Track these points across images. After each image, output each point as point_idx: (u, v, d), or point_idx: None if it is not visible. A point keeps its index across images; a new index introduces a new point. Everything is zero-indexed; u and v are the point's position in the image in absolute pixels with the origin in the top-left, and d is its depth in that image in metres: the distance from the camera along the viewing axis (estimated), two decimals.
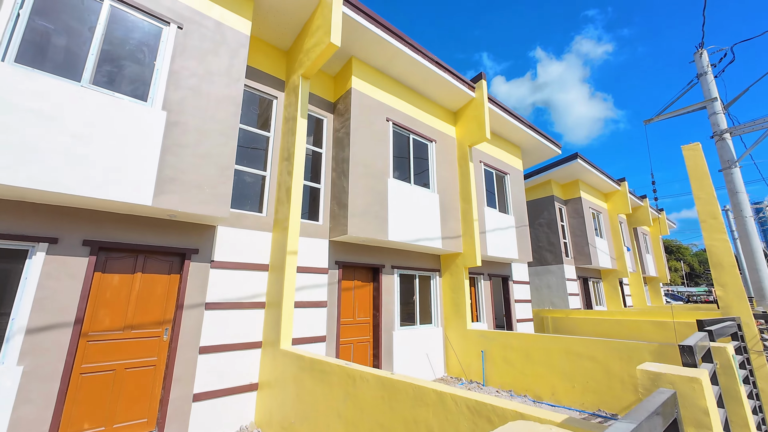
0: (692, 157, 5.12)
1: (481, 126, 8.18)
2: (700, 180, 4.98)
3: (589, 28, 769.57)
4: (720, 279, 4.66)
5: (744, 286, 4.66)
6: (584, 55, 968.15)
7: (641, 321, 9.92)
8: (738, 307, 4.41)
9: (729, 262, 4.56)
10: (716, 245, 4.68)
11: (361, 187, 6.34)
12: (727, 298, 4.54)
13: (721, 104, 8.92)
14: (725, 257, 4.59)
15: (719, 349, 2.72)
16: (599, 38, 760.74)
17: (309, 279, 5.98)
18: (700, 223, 4.86)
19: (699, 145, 5.08)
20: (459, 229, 8.18)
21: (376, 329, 6.89)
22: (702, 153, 5.14)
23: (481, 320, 9.22)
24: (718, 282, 4.66)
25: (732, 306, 4.47)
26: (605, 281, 16.07)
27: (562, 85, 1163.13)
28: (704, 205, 4.87)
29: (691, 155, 5.14)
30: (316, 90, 6.98)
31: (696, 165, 5.05)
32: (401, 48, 6.83)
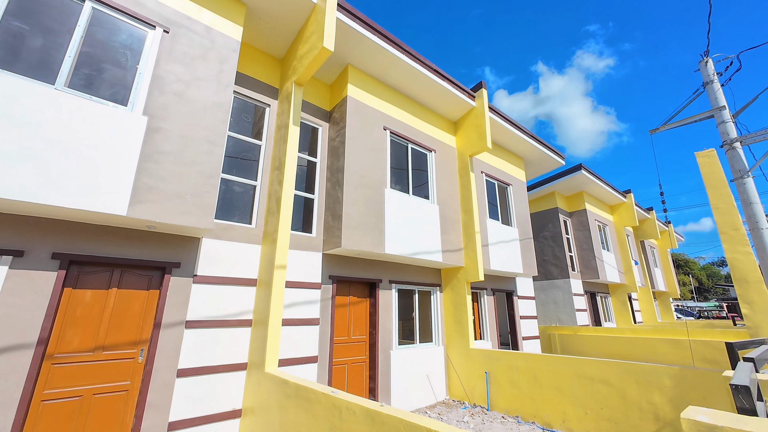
0: (707, 165, 4.80)
1: (482, 135, 7.93)
2: (717, 189, 4.64)
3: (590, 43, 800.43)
4: (746, 296, 4.26)
5: None
6: (586, 69, 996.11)
7: (654, 339, 9.40)
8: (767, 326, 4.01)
9: (755, 277, 4.18)
10: (739, 258, 4.31)
11: (356, 197, 6.05)
12: (755, 317, 4.14)
13: (729, 113, 8.64)
14: (750, 272, 4.21)
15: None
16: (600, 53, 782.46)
17: (300, 294, 5.63)
18: (720, 235, 4.50)
19: (714, 152, 4.77)
20: (460, 242, 7.83)
21: (373, 348, 6.47)
22: (717, 160, 4.83)
23: (485, 338, 8.75)
24: (744, 299, 4.26)
25: (762, 326, 4.07)
26: (613, 296, 15.51)
27: (564, 99, 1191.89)
28: (723, 216, 4.52)
29: (707, 162, 4.82)
30: (311, 98, 6.79)
31: (712, 173, 4.72)
32: (398, 56, 6.66)
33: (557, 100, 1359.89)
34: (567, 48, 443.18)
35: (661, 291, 20.59)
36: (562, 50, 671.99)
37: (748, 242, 4.27)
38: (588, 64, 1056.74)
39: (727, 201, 4.52)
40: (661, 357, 9.19)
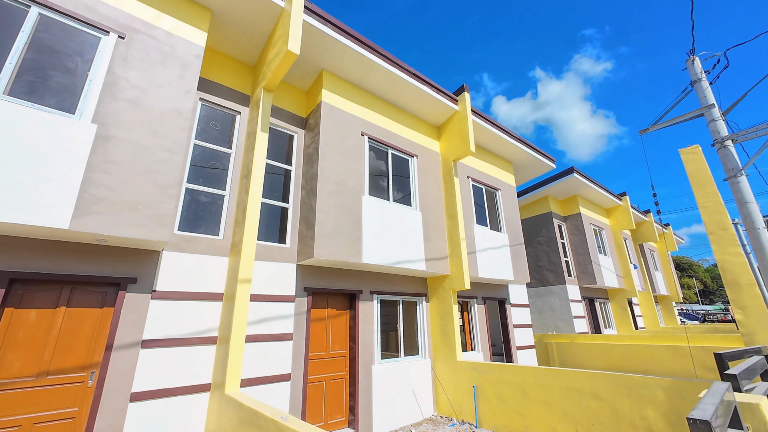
0: (692, 162, 4.56)
1: (464, 139, 7.74)
2: (703, 186, 4.40)
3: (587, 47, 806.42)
4: (738, 300, 3.97)
5: None
6: (584, 74, 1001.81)
7: (654, 346, 9.03)
8: (763, 333, 3.71)
9: (747, 280, 3.90)
10: (730, 260, 4.04)
11: (331, 205, 5.82)
12: (749, 324, 3.85)
13: (719, 111, 8.45)
14: (742, 274, 3.93)
15: (751, 407, 2.00)
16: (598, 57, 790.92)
17: (272, 308, 5.35)
18: (708, 235, 4.23)
19: (699, 148, 4.54)
20: (445, 250, 7.56)
21: (353, 363, 6.15)
22: (703, 156, 4.59)
23: (476, 349, 8.40)
24: (737, 304, 3.98)
25: (756, 332, 3.77)
26: (613, 302, 15.11)
27: (562, 103, 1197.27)
28: (711, 215, 4.27)
29: (692, 159, 4.59)
30: (286, 105, 6.62)
31: (698, 170, 4.48)
32: (375, 60, 6.51)
33: (556, 104, 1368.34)
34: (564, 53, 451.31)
35: (662, 295, 20.15)
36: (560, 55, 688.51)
37: (738, 243, 4.01)
38: (586, 68, 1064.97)
39: (715, 199, 4.27)
40: (661, 365, 8.81)
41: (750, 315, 3.83)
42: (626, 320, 14.64)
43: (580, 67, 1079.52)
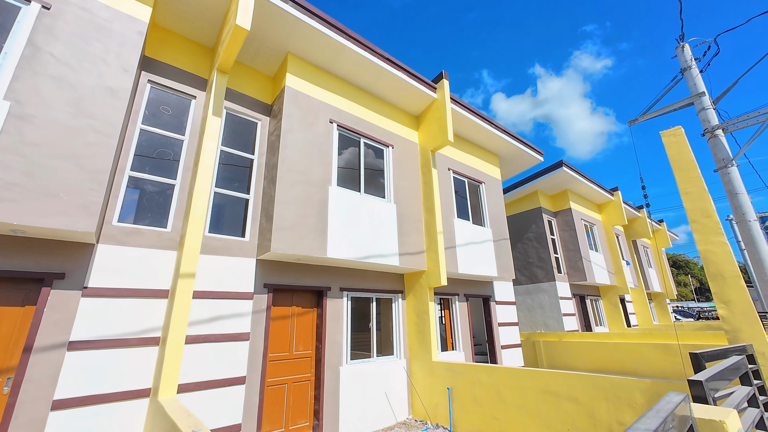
0: (674, 145, 4.21)
1: (443, 128, 7.36)
2: (686, 171, 4.04)
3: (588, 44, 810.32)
4: (722, 294, 3.62)
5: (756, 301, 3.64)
6: (583, 70, 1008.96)
7: (643, 344, 8.70)
8: (749, 330, 3.36)
9: (731, 271, 3.55)
10: (713, 251, 3.68)
11: (293, 196, 5.43)
12: (734, 320, 3.49)
13: (709, 99, 8.10)
14: (726, 266, 3.58)
15: (713, 426, 1.60)
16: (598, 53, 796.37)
17: (226, 306, 4.96)
18: (690, 224, 3.88)
19: (681, 130, 4.18)
20: (422, 244, 7.19)
21: (319, 365, 5.78)
22: (685, 139, 4.23)
23: (457, 348, 8.05)
24: (720, 298, 3.62)
25: (741, 329, 3.42)
26: (605, 299, 14.80)
27: (562, 100, 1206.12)
28: (694, 201, 3.91)
29: (673, 143, 4.23)
30: (250, 91, 6.23)
31: (680, 153, 4.13)
32: (344, 43, 6.12)
33: (555, 101, 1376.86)
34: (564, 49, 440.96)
35: (656, 292, 19.87)
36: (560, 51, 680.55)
37: (723, 232, 3.66)
38: (585, 65, 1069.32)
39: (698, 185, 3.91)
40: (650, 363, 8.48)
41: (734, 310, 3.48)
42: (618, 318, 14.33)
43: (580, 64, 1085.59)
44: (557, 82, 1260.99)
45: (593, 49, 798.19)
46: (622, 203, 15.63)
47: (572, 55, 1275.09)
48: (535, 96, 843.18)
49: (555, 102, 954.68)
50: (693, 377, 1.61)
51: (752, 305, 3.38)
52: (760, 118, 7.32)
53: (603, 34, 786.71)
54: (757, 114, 7.34)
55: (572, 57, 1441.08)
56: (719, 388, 1.82)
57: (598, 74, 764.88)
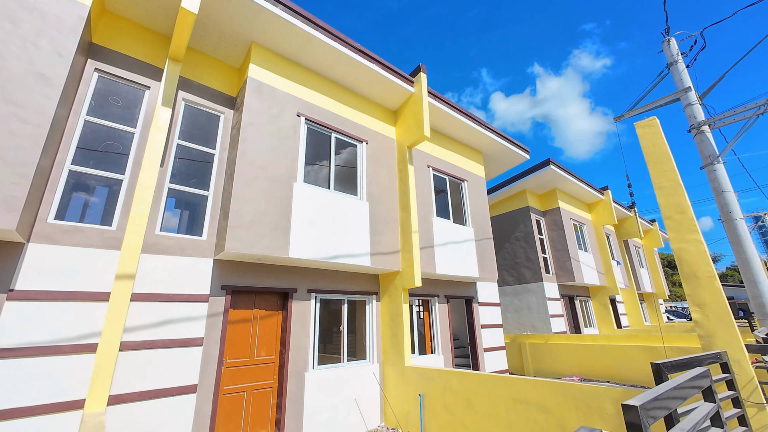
0: (649, 136, 3.94)
1: (419, 123, 7.08)
2: (660, 164, 3.77)
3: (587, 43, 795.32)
4: (696, 296, 3.35)
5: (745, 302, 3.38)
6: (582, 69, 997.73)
7: (628, 347, 8.46)
8: (723, 335, 3.10)
9: (705, 272, 3.28)
10: (687, 249, 3.41)
11: (252, 192, 5.13)
12: (708, 324, 3.23)
13: (695, 94, 7.87)
14: (700, 265, 3.31)
15: None
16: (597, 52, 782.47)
17: (176, 310, 4.65)
18: (664, 220, 3.61)
19: (656, 121, 3.91)
20: (397, 244, 6.90)
21: (282, 370, 5.47)
22: (660, 130, 3.97)
23: (436, 352, 7.76)
24: (694, 301, 3.36)
25: (715, 334, 3.15)
26: (594, 300, 14.57)
27: (561, 100, 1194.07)
28: (668, 197, 3.64)
29: (648, 134, 3.96)
30: (213, 83, 5.92)
31: (654, 146, 3.86)
32: (311, 32, 5.83)
33: (554, 101, 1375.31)
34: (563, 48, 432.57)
35: (648, 292, 19.69)
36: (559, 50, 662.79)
37: (698, 229, 3.40)
38: (585, 64, 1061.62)
39: (672, 178, 3.65)
40: (636, 366, 8.24)
41: (708, 314, 3.21)
42: (608, 319, 14.11)
43: (579, 63, 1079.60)
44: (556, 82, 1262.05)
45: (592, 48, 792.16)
46: (612, 203, 15.42)
47: (571, 54, 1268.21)
48: (534, 95, 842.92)
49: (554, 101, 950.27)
50: (627, 401, 1.34)
51: (728, 308, 3.11)
52: (747, 113, 7.09)
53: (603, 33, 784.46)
54: (743, 109, 7.11)
55: (571, 56, 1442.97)
56: (670, 408, 1.54)
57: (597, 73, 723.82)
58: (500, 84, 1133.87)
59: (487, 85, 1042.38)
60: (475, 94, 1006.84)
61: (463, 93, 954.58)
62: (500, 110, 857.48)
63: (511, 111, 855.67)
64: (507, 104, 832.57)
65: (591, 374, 9.08)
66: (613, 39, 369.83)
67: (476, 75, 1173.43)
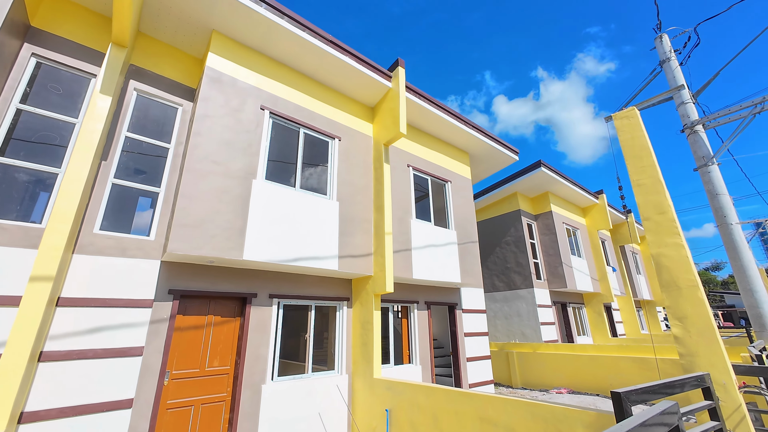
0: (627, 129, 3.55)
1: (396, 119, 6.70)
2: (639, 159, 3.37)
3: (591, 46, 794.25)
4: (676, 308, 2.94)
5: None
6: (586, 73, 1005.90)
7: (619, 358, 8.01)
8: (706, 354, 2.68)
9: (687, 280, 2.87)
10: (666, 254, 3.00)
11: (204, 189, 4.75)
12: (689, 341, 2.81)
13: (689, 93, 7.49)
14: (682, 273, 2.90)
15: None
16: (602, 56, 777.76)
17: (112, 316, 4.25)
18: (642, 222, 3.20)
19: (635, 111, 3.52)
20: (369, 246, 6.50)
21: (236, 383, 5.05)
22: (640, 122, 3.57)
23: (414, 362, 7.32)
24: (674, 314, 2.94)
25: (697, 353, 2.73)
26: (588, 307, 14.10)
27: (565, 104, 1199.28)
28: (647, 195, 3.24)
29: (626, 126, 3.57)
30: (171, 73, 5.57)
31: (633, 138, 3.46)
32: (276, 20, 5.48)
33: (557, 105, 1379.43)
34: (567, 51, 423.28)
35: (646, 300, 19.18)
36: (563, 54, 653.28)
37: (679, 231, 2.99)
38: (589, 68, 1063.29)
39: (651, 175, 3.25)
40: (627, 378, 7.78)
41: (690, 328, 2.80)
42: (602, 327, 13.63)
43: (583, 67, 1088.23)
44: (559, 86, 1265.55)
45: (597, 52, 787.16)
46: (608, 207, 15.00)
47: (575, 57, 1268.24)
48: (538, 99, 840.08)
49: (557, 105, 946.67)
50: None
51: (712, 323, 2.70)
52: (743, 112, 6.70)
53: (607, 37, 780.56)
54: (739, 108, 6.71)
55: (575, 59, 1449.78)
56: None
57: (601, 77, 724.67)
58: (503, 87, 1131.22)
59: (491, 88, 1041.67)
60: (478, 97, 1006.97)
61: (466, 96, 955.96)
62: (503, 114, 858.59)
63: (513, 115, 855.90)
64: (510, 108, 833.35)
65: (580, 386, 8.62)
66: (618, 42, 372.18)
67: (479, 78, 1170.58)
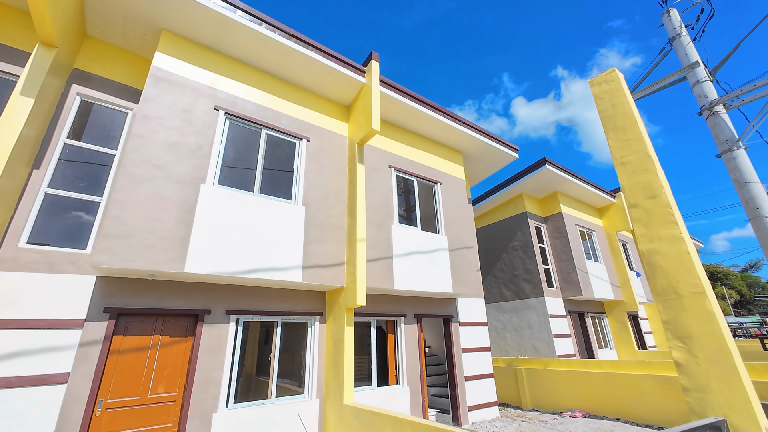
0: (606, 96, 2.82)
1: (368, 116, 6.16)
2: (621, 131, 2.63)
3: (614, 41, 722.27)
4: (676, 324, 2.14)
5: None
6: None
7: (639, 376, 6.96)
8: (721, 389, 1.88)
9: (690, 285, 2.09)
10: (660, 251, 2.23)
11: (140, 195, 4.32)
12: (696, 371, 2.01)
13: (705, 70, 6.59)
14: (682, 276, 2.13)
15: None
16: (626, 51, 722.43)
17: (32, 339, 3.82)
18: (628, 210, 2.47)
19: (616, 74, 2.79)
20: (342, 255, 5.90)
21: (183, 411, 4.50)
22: (622, 86, 2.83)
23: (401, 382, 6.58)
24: (674, 331, 2.16)
25: (708, 387, 1.94)
26: (610, 317, 12.84)
27: (587, 102, 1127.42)
28: (633, 175, 2.49)
29: (605, 92, 2.84)
30: (119, 76, 5.28)
31: (614, 107, 2.74)
32: (228, 15, 5.12)
33: (580, 104, 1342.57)
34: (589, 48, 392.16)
35: None
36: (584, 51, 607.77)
37: (676, 219, 2.24)
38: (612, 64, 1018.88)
39: (639, 149, 2.51)
40: (650, 401, 6.71)
41: (697, 353, 2.02)
42: (627, 339, 12.32)
43: (606, 63, 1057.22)
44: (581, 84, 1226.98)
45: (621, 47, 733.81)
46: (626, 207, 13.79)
47: (597, 53, 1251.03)
48: (559, 99, 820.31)
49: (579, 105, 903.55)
50: None
51: (727, 345, 1.92)
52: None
53: (632, 30, 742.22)
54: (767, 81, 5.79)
55: (598, 55, 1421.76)
56: None
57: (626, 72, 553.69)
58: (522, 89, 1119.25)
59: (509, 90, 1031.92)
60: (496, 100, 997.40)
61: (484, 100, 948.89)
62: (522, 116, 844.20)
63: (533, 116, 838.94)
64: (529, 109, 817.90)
65: (598, 409, 7.56)
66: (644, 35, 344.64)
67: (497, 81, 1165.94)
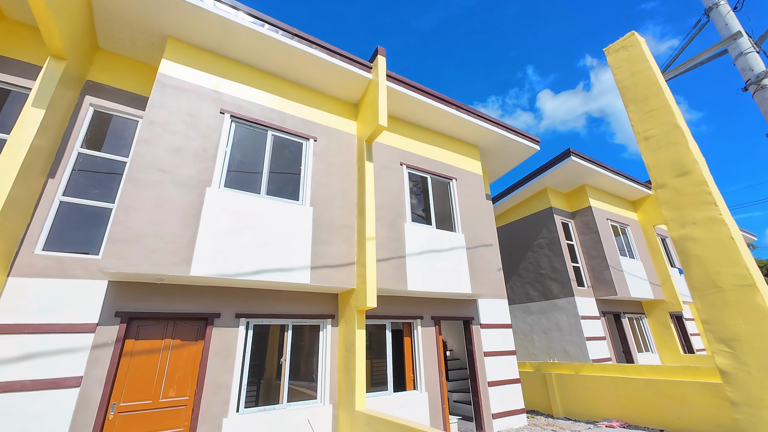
0: (625, 63, 2.46)
1: (375, 112, 5.98)
2: (644, 103, 2.28)
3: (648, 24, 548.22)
4: (718, 325, 1.78)
5: None
6: None
7: (685, 383, 6.31)
8: None
9: (735, 275, 1.74)
10: (695, 237, 1.87)
11: (146, 200, 4.36)
12: (747, 382, 1.64)
13: (750, 40, 5.92)
14: (724, 265, 1.78)
15: None
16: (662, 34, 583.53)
17: (45, 344, 3.91)
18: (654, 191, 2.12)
19: (636, 38, 2.44)
20: (351, 255, 5.73)
21: (194, 416, 4.47)
22: (643, 51, 2.46)
23: (419, 388, 6.30)
24: (716, 333, 1.80)
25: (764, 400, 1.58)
26: (650, 318, 11.90)
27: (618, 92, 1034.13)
28: (658, 151, 2.14)
29: (623, 60, 2.48)
30: (130, 85, 5.41)
31: (634, 75, 2.38)
32: (229, 18, 5.13)
33: (612, 94, 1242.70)
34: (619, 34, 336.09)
35: None
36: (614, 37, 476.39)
37: (714, 199, 1.88)
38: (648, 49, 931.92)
39: (666, 121, 2.15)
40: (698, 411, 6.04)
41: (747, 360, 1.66)
42: (670, 341, 11.36)
43: None
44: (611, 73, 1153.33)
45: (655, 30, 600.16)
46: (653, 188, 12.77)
47: None
48: (589, 90, 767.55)
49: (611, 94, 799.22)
50: None
51: None
52: None
53: (667, 11, 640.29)
54: None
55: None
56: None
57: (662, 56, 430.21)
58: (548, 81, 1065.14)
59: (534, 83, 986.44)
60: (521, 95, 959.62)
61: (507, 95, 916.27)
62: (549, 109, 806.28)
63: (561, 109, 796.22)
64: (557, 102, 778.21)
65: (638, 419, 6.92)
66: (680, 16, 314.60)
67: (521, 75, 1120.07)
